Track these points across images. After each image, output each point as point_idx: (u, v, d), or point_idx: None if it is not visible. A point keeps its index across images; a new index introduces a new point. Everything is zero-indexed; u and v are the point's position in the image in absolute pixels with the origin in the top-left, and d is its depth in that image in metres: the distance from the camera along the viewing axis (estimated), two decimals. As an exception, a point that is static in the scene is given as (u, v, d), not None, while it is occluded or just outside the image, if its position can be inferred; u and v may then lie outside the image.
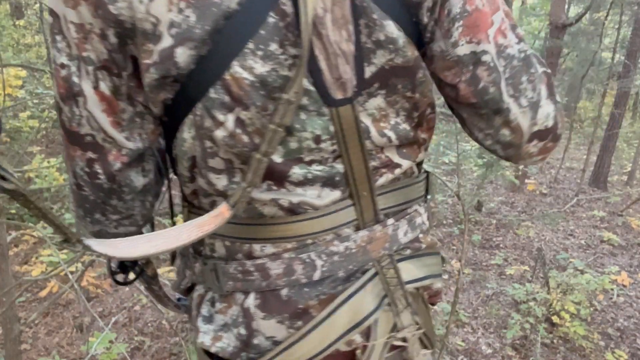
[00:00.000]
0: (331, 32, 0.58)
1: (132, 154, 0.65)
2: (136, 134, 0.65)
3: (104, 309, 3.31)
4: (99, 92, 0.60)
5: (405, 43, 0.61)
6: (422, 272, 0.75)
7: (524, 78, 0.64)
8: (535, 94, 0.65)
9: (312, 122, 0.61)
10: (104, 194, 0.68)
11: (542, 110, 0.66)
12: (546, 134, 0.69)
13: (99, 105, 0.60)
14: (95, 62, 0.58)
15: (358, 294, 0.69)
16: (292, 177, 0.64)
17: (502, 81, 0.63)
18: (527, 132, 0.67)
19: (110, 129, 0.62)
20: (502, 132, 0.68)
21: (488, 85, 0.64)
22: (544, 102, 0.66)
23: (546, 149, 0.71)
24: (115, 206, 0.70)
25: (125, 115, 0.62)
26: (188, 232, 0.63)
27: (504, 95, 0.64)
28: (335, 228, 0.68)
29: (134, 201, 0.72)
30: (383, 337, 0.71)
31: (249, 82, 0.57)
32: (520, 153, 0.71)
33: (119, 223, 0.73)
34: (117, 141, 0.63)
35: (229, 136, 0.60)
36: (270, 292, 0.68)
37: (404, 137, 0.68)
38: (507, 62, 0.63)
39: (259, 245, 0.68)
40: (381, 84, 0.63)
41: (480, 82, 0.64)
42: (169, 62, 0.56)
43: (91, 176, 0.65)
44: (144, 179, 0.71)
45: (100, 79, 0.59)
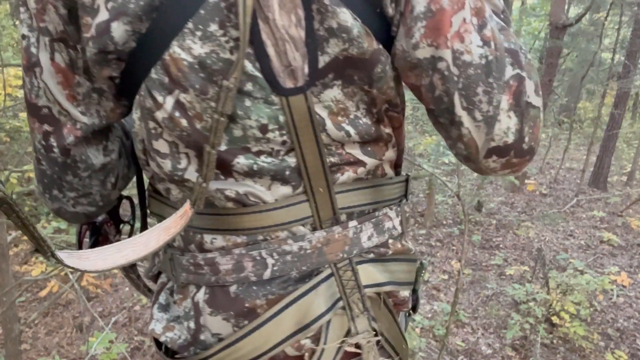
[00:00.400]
0: (278, 15, 0.55)
1: (86, 128, 0.64)
2: (93, 110, 0.64)
3: (104, 309, 3.31)
4: (55, 64, 0.60)
5: (360, 34, 0.57)
6: (384, 277, 0.71)
7: (480, 89, 0.58)
8: (492, 108, 0.58)
9: (257, 110, 0.59)
10: (59, 169, 0.67)
11: (499, 125, 0.59)
12: (506, 150, 0.61)
13: (54, 77, 0.60)
14: (52, 34, 0.58)
15: (308, 295, 0.65)
16: (236, 166, 0.61)
17: (456, 91, 0.58)
18: (482, 147, 0.61)
19: (65, 102, 0.62)
20: (458, 145, 0.63)
21: (442, 95, 0.59)
22: (503, 115, 0.59)
23: (511, 164, 0.63)
24: (71, 182, 0.69)
25: (81, 90, 0.62)
26: (156, 238, 0.62)
27: (456, 107, 0.59)
28: (288, 224, 0.65)
29: (92, 179, 0.70)
30: (335, 342, 0.67)
31: (187, 64, 0.55)
32: (480, 167, 0.65)
33: (76, 201, 0.71)
34: (71, 114, 0.63)
35: (168, 118, 0.59)
36: (220, 288, 0.66)
37: (365, 132, 0.64)
38: (461, 70, 0.57)
39: (210, 237, 0.66)
40: (336, 74, 0.59)
41: (436, 90, 0.60)
42: (106, 37, 0.55)
43: (47, 149, 0.65)
44: (104, 158, 0.69)
45: (57, 50, 0.59)
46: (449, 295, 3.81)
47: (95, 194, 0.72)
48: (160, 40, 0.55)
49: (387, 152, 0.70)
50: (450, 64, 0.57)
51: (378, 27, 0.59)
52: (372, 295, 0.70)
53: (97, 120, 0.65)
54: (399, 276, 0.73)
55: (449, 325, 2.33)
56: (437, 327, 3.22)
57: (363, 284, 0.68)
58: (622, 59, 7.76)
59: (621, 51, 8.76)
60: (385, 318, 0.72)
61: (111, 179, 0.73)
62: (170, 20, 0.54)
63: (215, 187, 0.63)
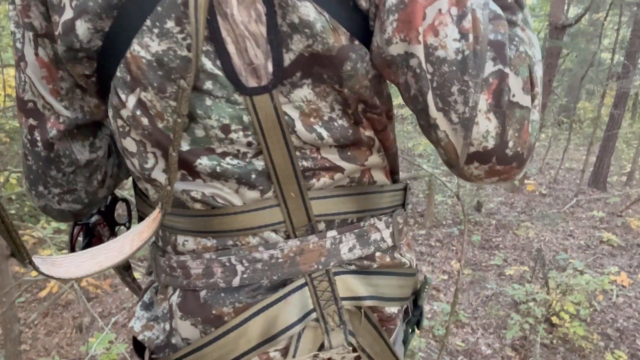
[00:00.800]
0: (236, 11, 0.53)
1: (69, 122, 0.65)
2: (77, 105, 0.65)
3: (104, 309, 3.31)
4: (39, 59, 0.61)
5: (325, 29, 0.53)
6: (366, 290, 0.66)
7: (455, 88, 0.51)
8: (468, 109, 0.52)
9: (218, 109, 0.57)
10: (43, 163, 0.67)
11: (477, 128, 0.52)
12: (487, 156, 0.54)
13: (39, 71, 0.62)
14: (37, 29, 0.60)
15: (277, 305, 0.62)
16: (199, 167, 0.59)
17: (429, 90, 0.53)
18: (461, 152, 0.54)
19: (48, 96, 0.63)
20: (439, 150, 0.57)
21: (417, 94, 0.54)
22: (481, 117, 0.52)
23: (496, 172, 0.55)
24: (55, 178, 0.69)
25: (64, 85, 0.63)
26: (130, 243, 0.62)
27: (430, 109, 0.53)
28: (258, 229, 0.62)
29: (76, 175, 0.70)
30: (305, 355, 0.63)
31: (146, 62, 0.55)
32: (463, 174, 0.58)
33: (61, 198, 0.72)
34: (54, 108, 0.64)
35: (131, 117, 0.59)
36: (191, 292, 0.65)
37: (340, 135, 0.60)
38: (435, 67, 0.51)
39: (182, 239, 0.65)
40: (304, 72, 0.56)
41: (411, 89, 0.54)
42: (71, 35, 0.56)
43: (32, 144, 0.66)
44: (90, 155, 0.69)
45: (41, 45, 0.61)
46: (449, 296, 3.81)
47: (80, 191, 0.72)
48: (123, 38, 0.55)
49: (371, 157, 0.65)
50: (422, 61, 0.52)
51: (353, 22, 0.56)
52: (352, 309, 0.66)
53: (81, 115, 0.66)
54: (383, 291, 0.68)
55: (449, 325, 2.33)
56: (436, 327, 3.22)
57: (341, 295, 0.64)
58: (621, 59, 7.77)
59: (620, 51, 8.77)
60: (368, 333, 0.68)
61: (97, 176, 0.73)
62: (130, 18, 0.55)
63: (181, 188, 0.62)
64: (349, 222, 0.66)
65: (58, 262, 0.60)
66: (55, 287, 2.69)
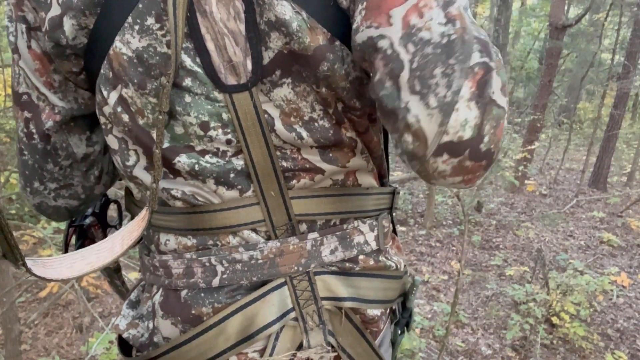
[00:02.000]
0: (215, 8, 0.54)
1: (65, 113, 0.65)
2: (71, 97, 0.65)
3: (104, 309, 3.31)
4: (32, 51, 0.62)
5: (301, 28, 0.53)
6: (347, 291, 0.65)
7: (438, 70, 0.48)
8: (451, 93, 0.48)
9: (197, 106, 0.57)
10: (39, 156, 0.67)
11: (457, 115, 0.48)
12: (460, 147, 0.49)
13: (32, 63, 0.62)
14: (29, 22, 0.60)
15: (255, 304, 0.62)
16: (177, 165, 0.59)
17: (403, 73, 0.49)
18: (432, 141, 0.49)
19: (42, 88, 0.63)
20: (404, 138, 0.51)
21: (384, 77, 0.50)
22: (463, 104, 0.48)
23: (464, 168, 0.51)
24: (52, 172, 0.68)
25: (57, 77, 0.63)
26: (121, 242, 0.62)
27: (402, 91, 0.49)
28: (237, 227, 0.62)
29: (73, 169, 0.70)
30: (282, 354, 0.63)
31: (126, 58, 0.56)
32: (426, 169, 0.52)
33: (57, 193, 0.71)
34: (49, 99, 0.64)
35: (113, 113, 0.60)
36: (173, 292, 0.65)
37: (321, 136, 0.59)
38: (417, 48, 0.48)
39: (164, 238, 0.66)
40: (283, 71, 0.56)
41: (377, 73, 0.51)
42: (58, 31, 0.56)
43: (28, 137, 0.66)
44: (87, 148, 0.69)
45: (34, 38, 0.61)
46: (449, 296, 3.81)
47: (77, 186, 0.72)
48: (106, 35, 0.56)
49: (354, 159, 0.64)
50: (395, 42, 0.49)
51: (334, 21, 0.55)
52: (332, 309, 0.66)
53: (76, 105, 0.65)
54: (365, 293, 0.67)
55: (449, 325, 2.33)
56: (437, 327, 3.22)
57: (321, 295, 0.64)
58: (621, 60, 7.77)
59: (621, 52, 8.77)
60: (349, 334, 0.67)
61: (94, 171, 0.72)
62: (113, 15, 0.55)
63: (162, 186, 0.62)
64: (331, 224, 0.65)
65: (49, 264, 0.59)
66: (55, 287, 2.69)
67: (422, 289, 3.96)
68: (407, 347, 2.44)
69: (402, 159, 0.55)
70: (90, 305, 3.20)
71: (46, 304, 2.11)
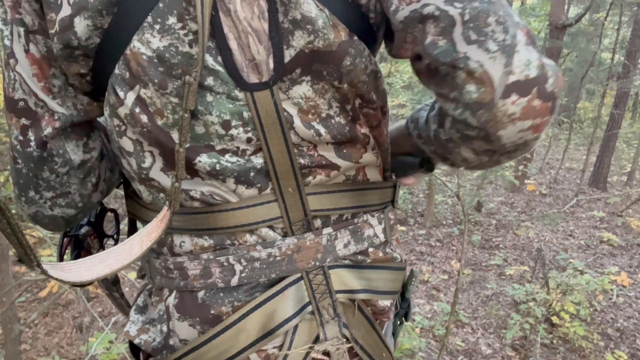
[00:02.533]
0: (239, 7, 0.54)
1: (65, 119, 0.63)
2: (70, 103, 0.63)
3: (104, 309, 3.31)
4: (30, 55, 0.60)
5: (326, 25, 0.55)
6: (359, 284, 0.67)
7: (492, 19, 0.51)
8: (509, 37, 0.51)
9: (219, 105, 0.57)
10: (34, 165, 0.64)
11: (519, 55, 0.50)
12: (527, 86, 0.51)
13: (29, 68, 0.60)
14: (28, 25, 0.58)
15: (274, 299, 0.63)
16: (198, 165, 0.59)
17: (456, 26, 0.51)
18: (499, 82, 0.51)
19: (41, 94, 0.61)
20: (466, 89, 0.52)
21: (436, 38, 0.52)
22: (522, 47, 0.51)
23: (533, 110, 0.52)
24: (48, 180, 0.66)
25: (57, 82, 0.62)
26: (140, 244, 0.61)
27: (458, 44, 0.51)
28: (255, 225, 0.62)
29: (70, 177, 0.67)
30: (301, 347, 0.64)
31: (146, 58, 0.55)
32: (496, 115, 0.52)
33: (53, 202, 0.68)
34: (48, 105, 0.62)
35: (129, 114, 0.58)
36: (189, 293, 0.65)
37: (337, 132, 0.61)
38: (464, 4, 0.51)
39: (179, 240, 0.65)
40: (303, 69, 0.57)
41: (427, 37, 0.53)
42: (69, 32, 0.55)
43: (24, 144, 0.63)
44: (84, 155, 0.67)
45: (33, 42, 0.59)
46: (449, 296, 3.81)
47: (74, 194, 0.69)
48: (123, 35, 0.55)
49: (366, 155, 0.66)
50: (439, 4, 0.52)
51: (351, 17, 0.57)
52: (345, 302, 0.67)
53: (75, 112, 0.64)
54: (377, 284, 0.69)
55: (449, 325, 2.33)
56: (437, 327, 3.22)
57: (335, 289, 0.65)
58: (621, 59, 7.77)
59: (621, 51, 8.77)
60: (362, 325, 0.69)
61: (92, 178, 0.70)
62: (130, 15, 0.54)
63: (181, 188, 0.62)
64: (343, 219, 0.67)
65: (67, 268, 0.59)
66: (55, 287, 2.69)
67: (422, 288, 3.96)
68: (407, 347, 2.44)
69: (464, 116, 0.54)
70: (90, 305, 3.20)
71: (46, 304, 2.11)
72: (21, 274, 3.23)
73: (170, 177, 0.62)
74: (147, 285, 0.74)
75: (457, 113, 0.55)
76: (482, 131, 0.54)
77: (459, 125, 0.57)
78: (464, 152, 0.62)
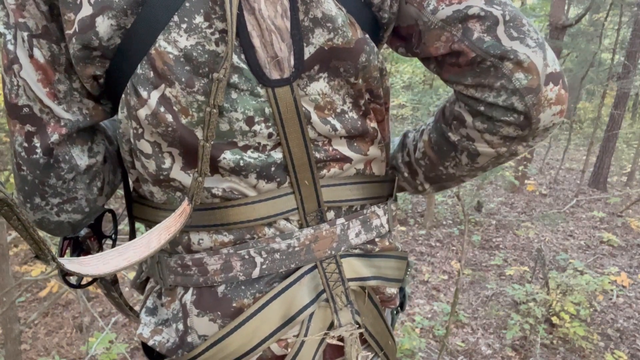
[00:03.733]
0: (264, 6, 0.56)
1: (71, 125, 0.62)
2: (75, 108, 0.62)
3: (104, 309, 3.30)
4: (34, 61, 0.58)
5: (344, 23, 0.58)
6: (370, 271, 0.71)
7: (524, 21, 0.61)
8: (540, 36, 0.62)
9: (243, 102, 0.59)
10: (40, 172, 0.62)
11: (549, 52, 0.62)
12: (558, 77, 0.62)
13: (34, 74, 0.58)
14: (32, 29, 0.57)
15: (292, 287, 0.65)
16: (222, 162, 0.61)
17: (499, 25, 0.60)
18: (542, 72, 0.61)
19: (46, 99, 0.60)
20: (515, 77, 0.61)
21: (483, 34, 0.60)
22: (547, 46, 0.62)
23: (562, 97, 0.63)
24: (54, 186, 0.64)
25: (62, 87, 0.60)
26: (157, 237, 0.61)
27: (502, 40, 0.60)
28: (273, 217, 0.64)
29: (77, 182, 0.66)
30: (316, 334, 0.67)
31: (172, 57, 0.55)
32: (539, 99, 0.62)
33: (60, 208, 0.67)
34: (54, 112, 0.61)
35: (151, 115, 0.58)
36: (207, 289, 0.65)
37: (351, 126, 0.65)
38: (502, 6, 0.60)
39: (197, 238, 0.65)
40: (322, 66, 0.60)
41: (474, 33, 0.60)
42: (90, 32, 0.54)
43: (29, 151, 0.61)
44: (89, 160, 0.66)
45: (37, 46, 0.58)
46: (449, 296, 3.81)
47: (81, 199, 0.68)
48: (146, 34, 0.55)
49: (372, 148, 0.70)
50: (483, 6, 0.60)
51: (363, 16, 0.61)
52: (357, 289, 0.70)
53: (81, 117, 0.63)
54: (385, 272, 0.73)
55: (449, 325, 2.33)
56: (437, 327, 3.22)
57: (347, 277, 0.68)
58: (621, 60, 7.76)
59: (621, 51, 8.76)
60: (370, 313, 0.72)
61: (97, 182, 0.69)
62: (156, 14, 0.54)
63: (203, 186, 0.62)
64: (353, 210, 0.70)
65: (86, 262, 0.59)
66: (55, 287, 2.69)
67: (422, 288, 3.96)
68: (407, 347, 2.44)
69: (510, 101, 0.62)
70: (90, 305, 3.20)
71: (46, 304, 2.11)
72: (21, 274, 3.23)
73: (191, 176, 0.62)
74: (154, 287, 0.74)
75: (501, 99, 0.62)
76: (525, 115, 0.63)
77: (497, 112, 0.63)
78: (480, 146, 0.68)
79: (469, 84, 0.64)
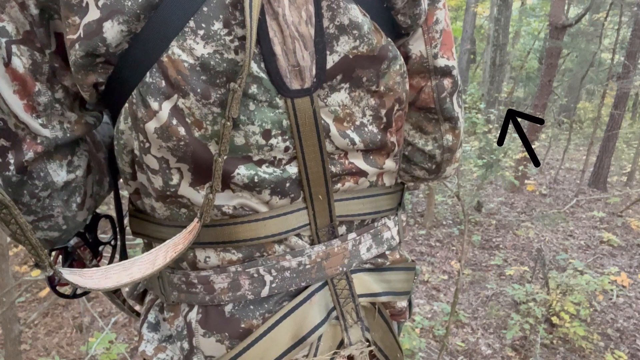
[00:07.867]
0: (288, 11, 0.52)
1: (48, 143, 0.55)
2: (55, 122, 0.56)
3: (104, 309, 3.30)
4: (11, 70, 0.51)
5: (370, 30, 0.56)
6: (380, 287, 0.68)
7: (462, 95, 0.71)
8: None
9: (261, 114, 0.54)
10: (12, 190, 0.56)
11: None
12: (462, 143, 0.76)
13: (10, 84, 0.52)
14: (11, 35, 0.51)
15: (302, 306, 0.62)
16: (235, 178, 0.56)
17: (454, 93, 0.69)
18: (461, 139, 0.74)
19: (22, 114, 0.53)
20: (446, 137, 0.72)
21: (447, 95, 0.68)
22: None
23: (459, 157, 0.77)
24: (28, 204, 0.58)
25: (42, 99, 0.54)
26: (164, 255, 0.58)
27: (455, 105, 0.69)
28: (285, 234, 0.60)
29: (53, 200, 0.59)
30: (326, 353, 0.64)
31: (188, 65, 0.51)
32: (453, 159, 0.75)
33: (35, 226, 0.60)
34: (30, 127, 0.54)
35: (161, 128, 0.53)
36: (214, 308, 0.62)
37: (370, 140, 0.62)
38: (456, 79, 0.69)
39: (203, 255, 0.61)
40: (344, 75, 0.57)
41: (444, 91, 0.68)
42: (97, 38, 0.49)
43: (1, 167, 0.54)
44: (67, 175, 0.59)
45: (16, 54, 0.51)
46: (449, 296, 3.81)
47: (57, 217, 0.61)
48: (158, 40, 0.50)
49: (387, 161, 0.67)
50: (456, 73, 0.68)
51: (384, 21, 0.59)
52: (367, 305, 0.68)
53: (61, 133, 0.56)
54: (396, 286, 0.71)
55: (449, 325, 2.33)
56: (437, 327, 3.22)
57: (357, 293, 0.66)
58: (621, 60, 7.76)
59: (621, 51, 8.76)
60: (380, 327, 0.70)
61: (76, 198, 0.63)
62: (170, 19, 0.50)
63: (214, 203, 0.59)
64: (365, 224, 0.68)
65: (88, 275, 0.56)
66: (55, 287, 2.69)
67: (422, 288, 3.96)
68: (407, 347, 2.43)
69: (433, 152, 0.73)
70: (90, 305, 3.20)
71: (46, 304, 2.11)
72: (21, 274, 3.23)
73: (200, 192, 0.58)
74: (155, 301, 0.70)
75: (427, 148, 0.73)
76: (438, 165, 0.75)
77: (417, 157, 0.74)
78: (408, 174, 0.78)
79: (411, 122, 0.72)
